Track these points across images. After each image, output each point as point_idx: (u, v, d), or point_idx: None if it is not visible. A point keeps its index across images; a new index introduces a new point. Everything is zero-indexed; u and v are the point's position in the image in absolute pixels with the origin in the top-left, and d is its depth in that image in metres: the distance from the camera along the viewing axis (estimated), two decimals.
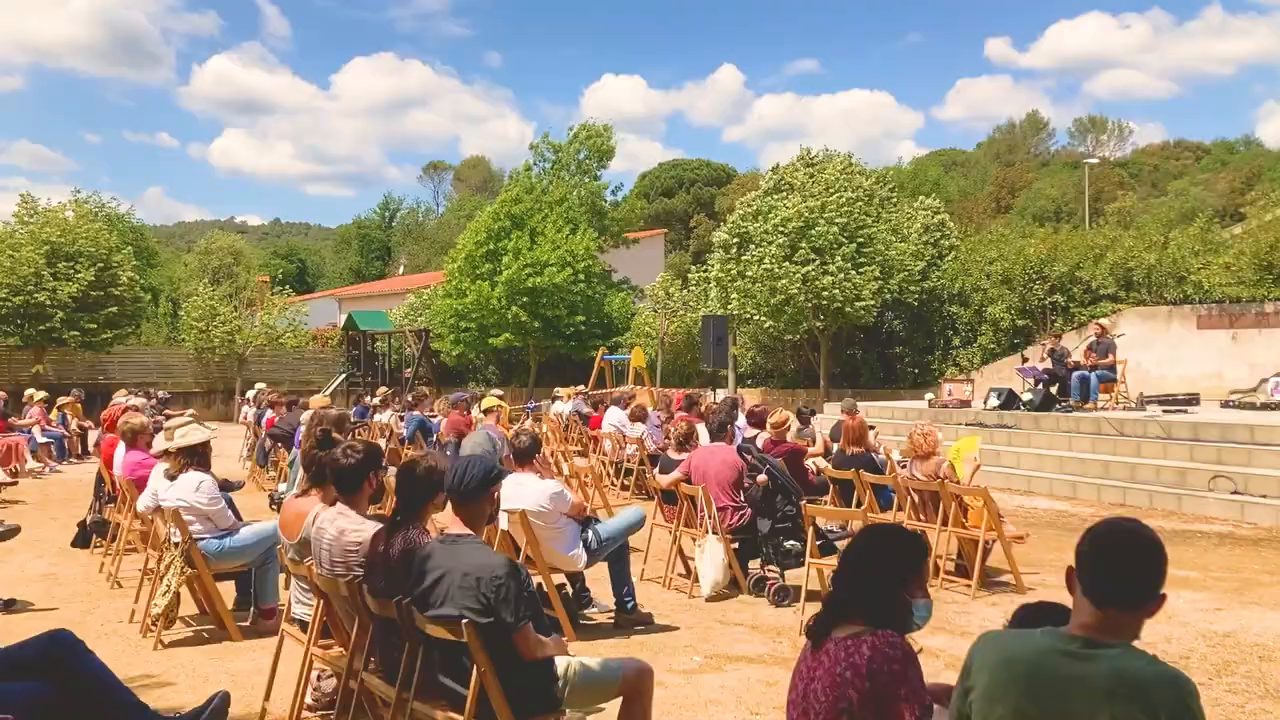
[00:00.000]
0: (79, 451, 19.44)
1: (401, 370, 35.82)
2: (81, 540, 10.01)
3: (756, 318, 25.01)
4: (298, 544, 5.09)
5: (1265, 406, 15.81)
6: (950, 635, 7.01)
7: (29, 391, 19.22)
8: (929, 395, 19.43)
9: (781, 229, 24.27)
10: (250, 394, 18.70)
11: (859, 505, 9.16)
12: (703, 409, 13.11)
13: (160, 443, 7.16)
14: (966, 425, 17.01)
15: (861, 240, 24.27)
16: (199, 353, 33.42)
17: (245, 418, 18.67)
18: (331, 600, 4.79)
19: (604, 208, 35.48)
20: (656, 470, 8.91)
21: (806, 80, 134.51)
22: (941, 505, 8.43)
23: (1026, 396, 17.09)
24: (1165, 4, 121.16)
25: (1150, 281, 22.24)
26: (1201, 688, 5.66)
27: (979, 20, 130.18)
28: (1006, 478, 14.73)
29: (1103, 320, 17.97)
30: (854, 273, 23.59)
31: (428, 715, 4.03)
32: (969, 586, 8.27)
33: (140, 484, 8.22)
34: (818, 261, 23.62)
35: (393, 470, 5.27)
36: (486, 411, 12.10)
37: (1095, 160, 56.52)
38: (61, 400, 19.65)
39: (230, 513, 6.84)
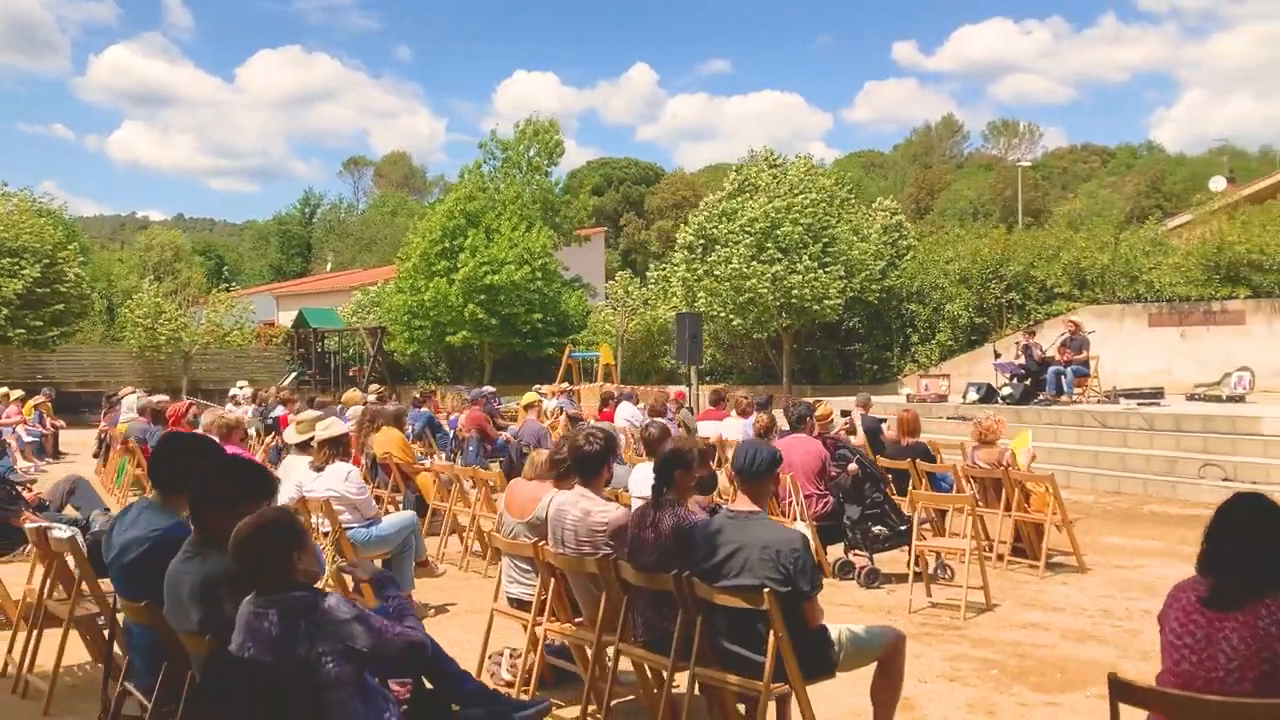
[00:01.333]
0: (53, 452, 19.03)
1: (349, 368, 35.61)
2: None
3: (722, 315, 25.53)
4: (526, 524, 5.35)
5: (1230, 399, 16.76)
6: (1044, 611, 7.52)
7: (3, 390, 18.77)
8: (907, 390, 20.12)
9: (748, 229, 24.83)
10: (239, 392, 18.47)
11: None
12: (732, 403, 13.50)
13: (292, 435, 7.31)
14: (947, 418, 17.82)
15: (826, 240, 24.97)
16: (142, 351, 32.74)
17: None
18: (569, 578, 5.08)
19: (556, 204, 35.69)
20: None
21: (718, 81, 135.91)
22: (1004, 491, 8.97)
23: (1006, 391, 17.85)
24: (1065, 12, 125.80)
25: (1103, 281, 23.29)
26: None
27: (886, 24, 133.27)
28: None
29: (1075, 318, 18.83)
30: (821, 272, 24.26)
31: (716, 680, 4.36)
32: (1032, 568, 8.83)
33: None
34: (785, 261, 24.22)
35: None
36: (527, 407, 12.38)
37: (1028, 164, 58.37)
38: (35, 399, 19.21)
39: (374, 502, 7.03)
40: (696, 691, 4.56)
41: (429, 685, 4.03)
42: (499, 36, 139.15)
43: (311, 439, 7.19)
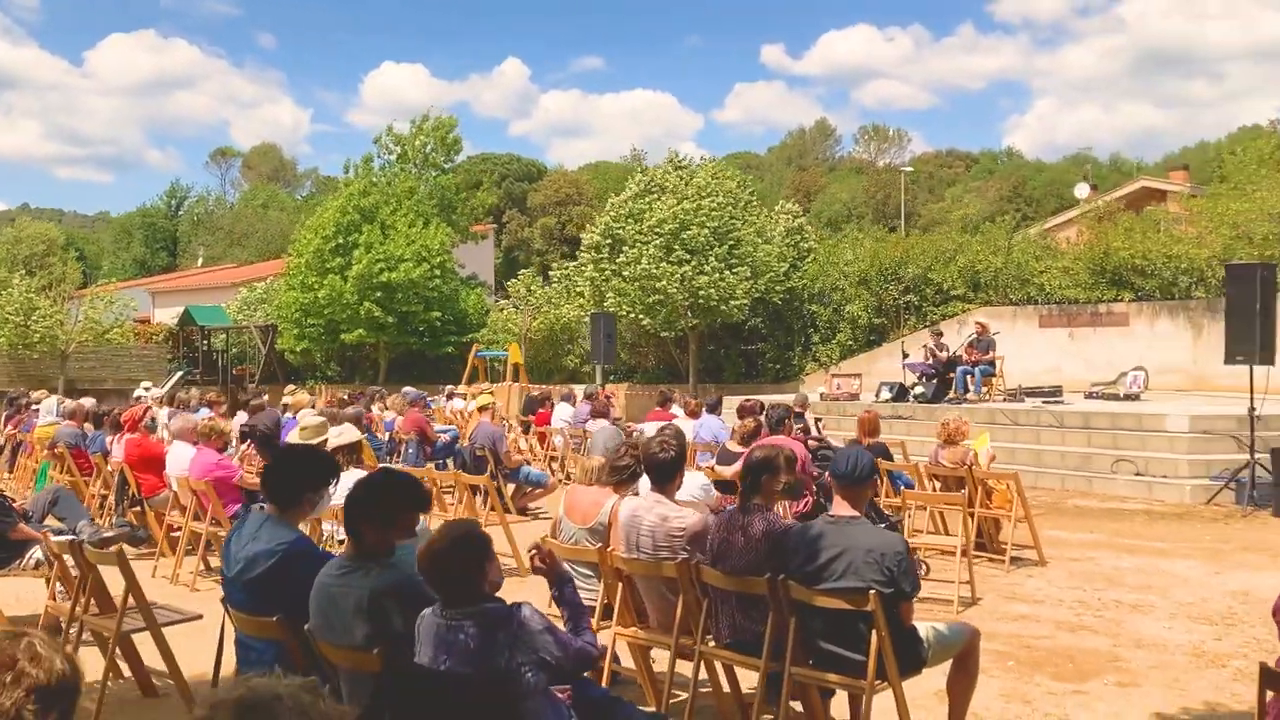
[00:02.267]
0: None
1: (234, 368, 34.61)
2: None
3: (630, 315, 25.73)
4: (589, 530, 5.40)
5: (1127, 397, 17.71)
6: (1027, 604, 7.90)
7: None
8: (821, 389, 20.62)
9: (657, 230, 25.10)
10: (145, 393, 17.73)
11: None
12: (686, 405, 13.67)
13: (295, 441, 7.16)
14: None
15: (732, 242, 25.40)
16: (13, 348, 31.14)
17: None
18: (638, 583, 5.15)
19: (453, 202, 35.28)
20: (715, 462, 9.45)
21: (592, 78, 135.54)
22: (968, 488, 9.36)
23: (918, 390, 18.49)
24: (925, 20, 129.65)
25: (997, 283, 24.28)
26: (1273, 634, 6.75)
27: (755, 27, 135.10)
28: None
29: (982, 319, 19.62)
30: (728, 273, 24.69)
31: (813, 679, 4.50)
32: (992, 562, 9.25)
33: (220, 485, 8.13)
34: (694, 262, 24.57)
35: None
36: (482, 409, 12.31)
37: (909, 169, 60.08)
38: None
39: None
40: (763, 691, 4.71)
41: None
42: (366, 27, 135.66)
43: (318, 445, 7.06)
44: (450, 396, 20.89)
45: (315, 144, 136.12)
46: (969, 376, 18.31)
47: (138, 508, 9.35)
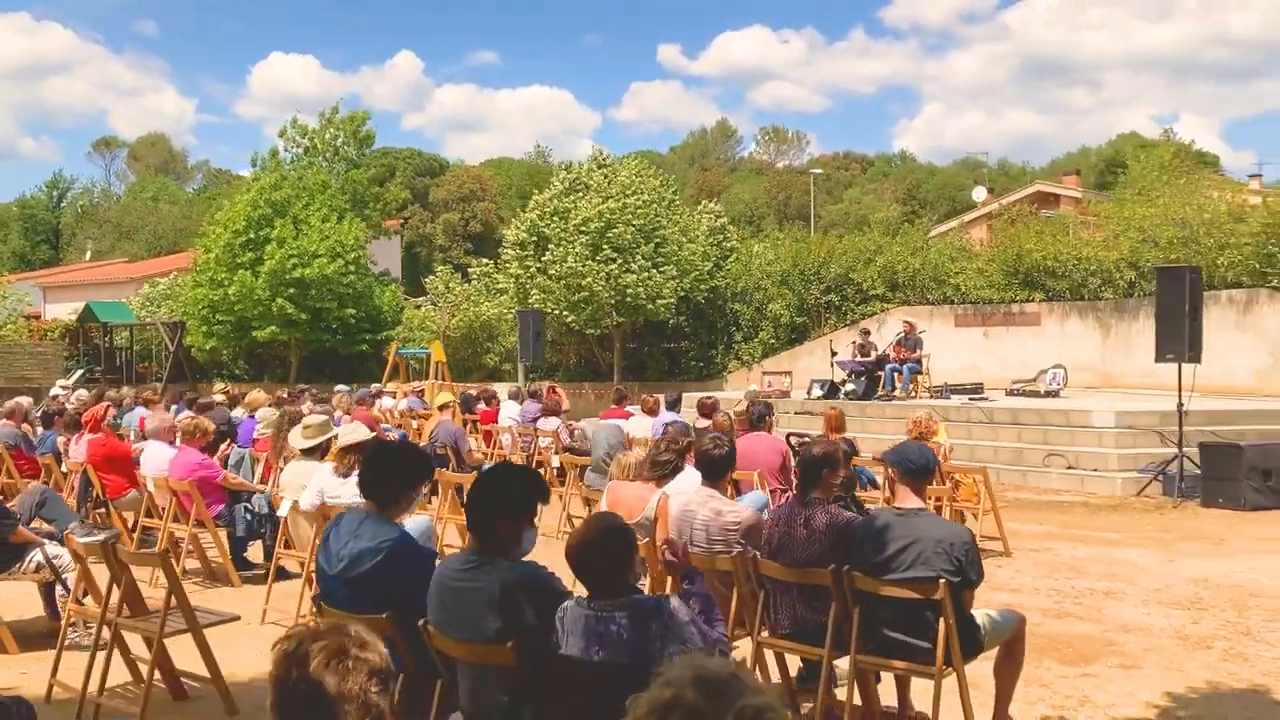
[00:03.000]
0: None
1: (138, 365, 33.55)
2: None
3: (556, 312, 25.70)
4: (635, 525, 5.45)
5: (1048, 394, 18.39)
6: (1006, 593, 8.17)
7: None
8: (752, 386, 20.92)
9: (583, 229, 25.11)
10: (63, 392, 17.00)
11: None
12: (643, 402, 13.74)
13: (299, 440, 7.06)
14: (795, 413, 18.68)
15: (658, 241, 25.55)
16: None
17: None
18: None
19: (365, 196, 34.69)
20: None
21: (487, 72, 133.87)
22: (936, 482, 9.66)
23: (849, 387, 18.92)
24: (818, 24, 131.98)
25: (914, 283, 24.94)
26: (1242, 616, 7.15)
27: (652, 26, 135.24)
28: None
29: (910, 319, 20.14)
30: (655, 272, 24.84)
31: (880, 666, 4.65)
32: None
33: (203, 485, 7.96)
34: (620, 260, 24.65)
35: None
36: (442, 408, 12.22)
37: (820, 171, 61.11)
38: None
39: None
40: (826, 678, 4.84)
41: None
42: (253, 16, 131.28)
43: (319, 445, 6.97)
44: (379, 395, 20.58)
45: (201, 135, 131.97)
46: (896, 374, 18.79)
47: (102, 509, 9.05)
